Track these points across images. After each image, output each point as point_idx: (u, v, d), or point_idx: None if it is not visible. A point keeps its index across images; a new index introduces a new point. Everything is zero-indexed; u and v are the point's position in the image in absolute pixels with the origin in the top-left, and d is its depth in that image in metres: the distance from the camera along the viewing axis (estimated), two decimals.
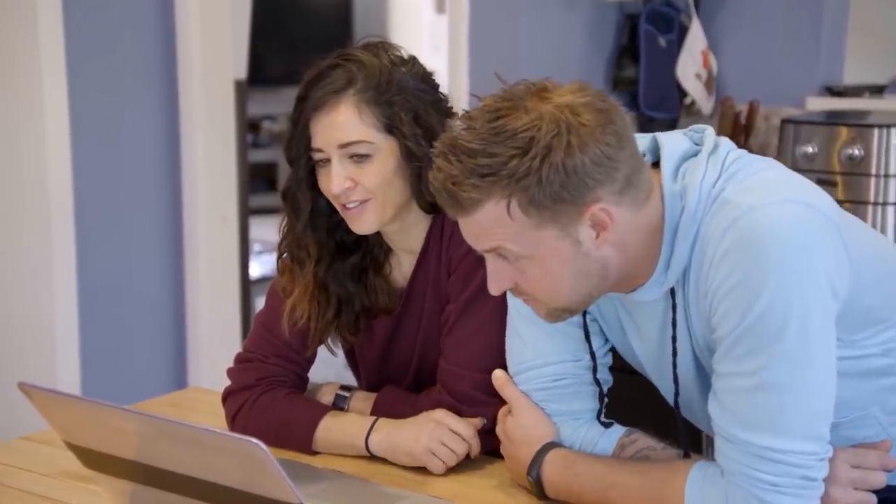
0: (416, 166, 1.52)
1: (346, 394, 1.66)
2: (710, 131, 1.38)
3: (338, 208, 1.56)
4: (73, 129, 2.59)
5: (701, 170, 1.31)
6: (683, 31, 3.23)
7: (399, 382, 1.68)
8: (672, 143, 1.35)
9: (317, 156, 1.54)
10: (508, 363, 1.51)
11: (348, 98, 1.51)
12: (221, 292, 2.88)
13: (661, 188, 1.31)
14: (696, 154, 1.34)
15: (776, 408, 1.25)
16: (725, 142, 1.36)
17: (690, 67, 3.20)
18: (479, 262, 1.43)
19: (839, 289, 1.27)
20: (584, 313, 1.45)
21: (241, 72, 3.15)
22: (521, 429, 1.47)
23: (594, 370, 1.47)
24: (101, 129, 2.66)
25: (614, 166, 1.25)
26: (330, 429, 1.59)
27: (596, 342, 1.48)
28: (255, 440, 1.11)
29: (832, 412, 1.28)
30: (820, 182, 2.82)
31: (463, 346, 1.58)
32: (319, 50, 1.60)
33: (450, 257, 1.60)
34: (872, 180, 2.73)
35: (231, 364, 1.70)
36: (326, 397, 1.68)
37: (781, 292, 1.22)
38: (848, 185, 2.76)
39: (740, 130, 3.14)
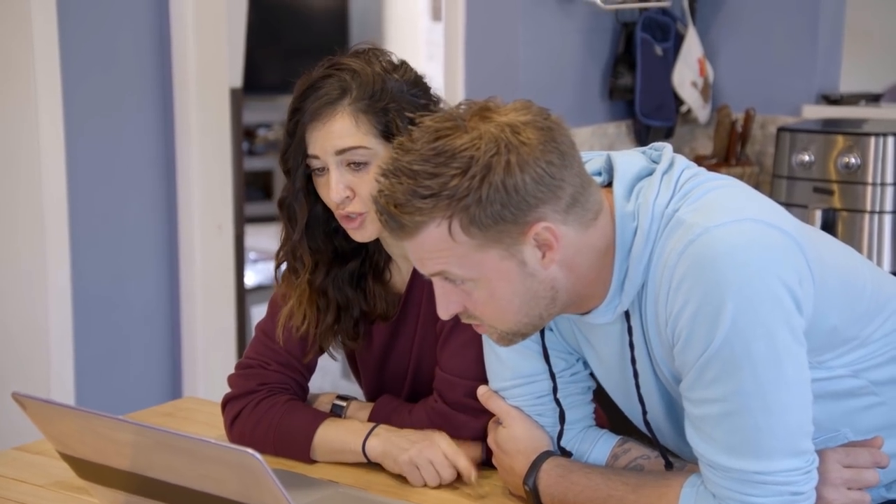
0: None
1: (343, 403, 1.67)
2: (668, 149, 1.35)
3: (337, 217, 1.56)
4: (67, 137, 2.58)
5: (654, 189, 1.29)
6: (679, 40, 3.23)
7: (397, 389, 1.68)
8: (626, 162, 1.33)
9: (314, 164, 1.54)
10: (490, 381, 1.50)
11: (344, 108, 1.51)
12: (217, 301, 2.87)
13: (613, 208, 1.29)
14: (651, 173, 1.32)
15: (754, 430, 1.24)
16: (681, 160, 1.33)
17: (687, 76, 3.20)
18: None
19: (804, 304, 1.25)
20: (542, 334, 1.43)
21: (237, 79, 3.15)
22: (513, 440, 1.46)
23: (554, 390, 1.46)
24: (95, 136, 2.66)
25: (558, 185, 1.24)
26: (328, 434, 1.59)
27: (565, 361, 1.46)
28: (250, 451, 1.11)
29: (811, 424, 1.28)
30: (817, 191, 2.87)
31: (458, 355, 1.57)
32: (315, 58, 1.60)
33: None
34: (869, 189, 2.73)
35: (230, 372, 1.70)
36: (323, 407, 1.68)
37: (743, 315, 1.21)
38: (845, 194, 2.76)
39: (737, 139, 3.14)
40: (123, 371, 2.76)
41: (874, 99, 3.17)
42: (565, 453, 1.47)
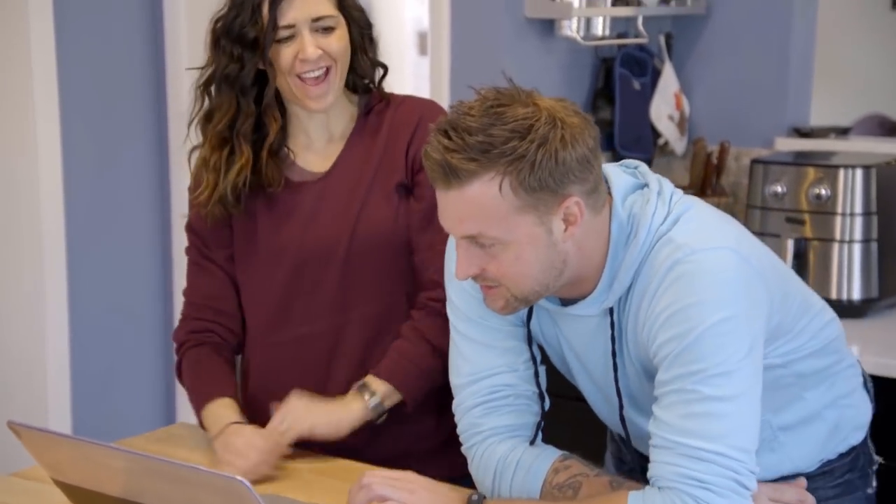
0: (359, 39, 1.78)
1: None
2: (644, 168, 1.51)
3: (294, 88, 1.73)
4: (64, 168, 2.61)
5: (651, 207, 1.44)
6: (656, 75, 3.29)
7: (331, 254, 1.78)
8: (616, 175, 1.48)
9: (284, 33, 1.72)
10: (452, 380, 1.59)
11: None
12: None
13: (612, 206, 1.44)
14: (637, 188, 1.48)
15: (707, 416, 1.35)
16: (667, 182, 1.49)
17: (664, 109, 3.25)
18: None
19: (762, 321, 1.42)
20: (528, 319, 1.54)
21: None
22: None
23: (536, 375, 1.55)
24: (92, 171, 2.69)
25: (590, 168, 1.39)
26: (205, 417, 1.80)
27: (534, 350, 1.56)
28: (238, 477, 1.16)
29: (758, 437, 1.39)
30: (789, 221, 2.91)
31: (438, 249, 1.66)
32: None
33: (410, 143, 1.77)
34: (839, 219, 2.78)
35: None
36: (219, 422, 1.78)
37: (715, 323, 1.36)
38: (815, 224, 2.81)
39: (712, 170, 3.20)
40: (119, 396, 2.78)
41: (843, 132, 3.23)
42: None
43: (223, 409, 1.77)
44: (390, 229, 1.78)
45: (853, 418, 1.66)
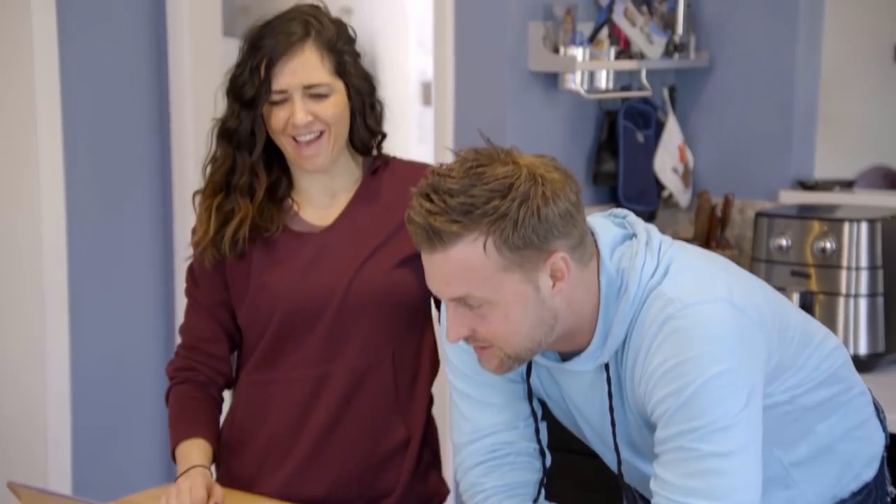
0: (358, 105, 1.79)
1: None
2: (632, 217, 1.52)
3: (288, 146, 1.77)
4: (68, 206, 2.59)
5: (640, 259, 1.44)
6: (660, 127, 3.29)
7: (324, 307, 1.80)
8: (603, 226, 1.49)
9: (277, 97, 1.75)
10: (454, 439, 1.60)
11: (310, 45, 1.75)
12: None
13: (599, 259, 1.44)
14: (625, 238, 1.48)
15: (709, 473, 1.35)
16: (654, 231, 1.50)
17: (668, 162, 3.25)
18: None
19: (760, 370, 1.42)
20: (528, 374, 1.53)
21: None
22: None
23: (536, 431, 1.55)
24: (96, 222, 2.68)
25: (574, 222, 1.39)
26: (177, 455, 1.83)
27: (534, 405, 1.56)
28: None
29: (760, 485, 1.38)
30: (794, 274, 2.90)
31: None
32: None
33: (398, 200, 1.76)
34: (844, 272, 2.77)
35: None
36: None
37: (711, 378, 1.36)
38: (821, 278, 2.81)
39: (716, 223, 3.19)
40: (121, 451, 2.77)
41: (847, 185, 3.23)
42: None
43: (192, 450, 1.82)
44: (385, 290, 1.80)
45: (866, 451, 1.64)
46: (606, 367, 1.46)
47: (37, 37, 2.54)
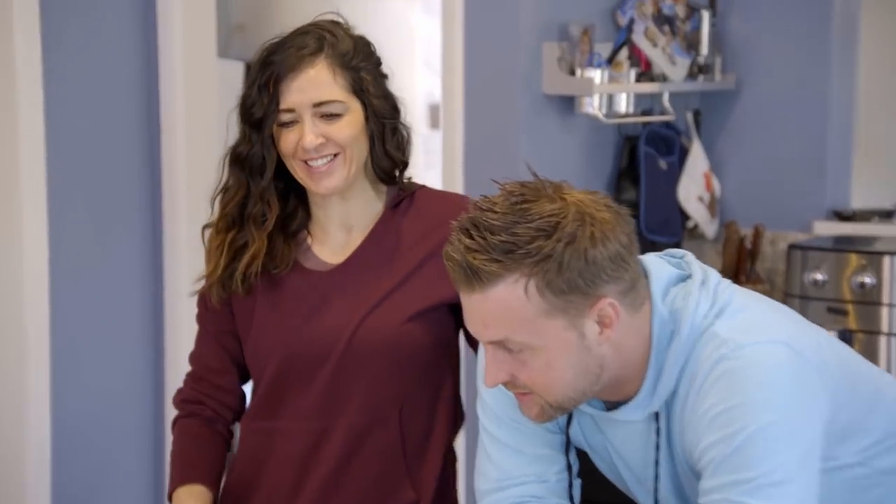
0: (377, 128, 1.67)
1: None
2: (690, 257, 1.45)
3: (298, 170, 1.67)
4: (51, 248, 2.52)
5: (694, 300, 1.37)
6: (684, 153, 3.23)
7: (326, 354, 1.72)
8: (657, 266, 1.42)
9: (285, 117, 1.65)
10: (476, 485, 1.54)
11: (322, 60, 1.65)
12: None
13: (651, 303, 1.38)
14: (681, 279, 1.41)
15: None
16: (713, 272, 1.42)
17: (693, 190, 3.19)
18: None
19: (822, 421, 1.35)
20: (568, 424, 1.48)
21: None
22: None
23: (570, 486, 1.49)
24: (80, 267, 2.60)
25: (625, 266, 1.33)
26: (173, 500, 1.75)
27: (559, 464, 1.50)
28: None
29: None
30: (831, 311, 2.83)
31: None
32: None
33: (418, 239, 1.70)
34: (885, 310, 2.72)
35: None
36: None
37: (765, 426, 1.29)
38: (860, 315, 2.75)
39: (746, 255, 3.13)
40: (104, 493, 2.67)
41: (887, 215, 3.18)
42: None
43: (188, 498, 1.75)
44: (394, 341, 1.71)
45: None
46: (657, 415, 1.40)
47: (19, 59, 2.45)
